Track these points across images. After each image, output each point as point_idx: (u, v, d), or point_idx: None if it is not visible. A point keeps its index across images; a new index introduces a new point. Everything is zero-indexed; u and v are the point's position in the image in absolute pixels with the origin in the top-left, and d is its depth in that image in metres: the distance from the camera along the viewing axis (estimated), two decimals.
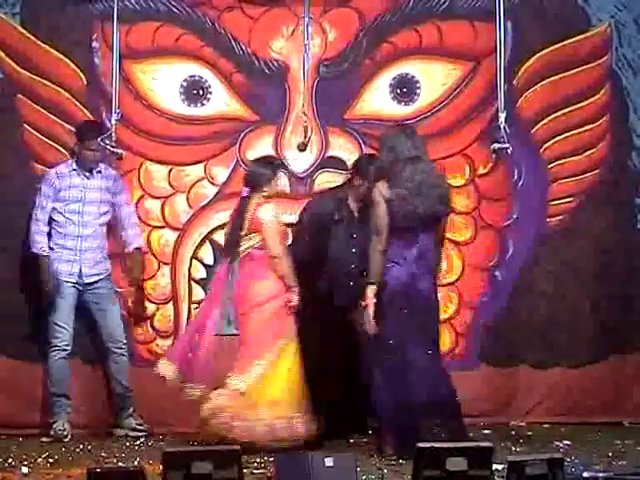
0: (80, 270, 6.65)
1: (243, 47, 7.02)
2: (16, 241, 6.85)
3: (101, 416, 6.79)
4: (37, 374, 6.75)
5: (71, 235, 6.67)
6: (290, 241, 6.60)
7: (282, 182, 6.76)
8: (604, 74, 7.17)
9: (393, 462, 5.70)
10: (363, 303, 5.92)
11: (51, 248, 6.67)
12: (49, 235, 6.67)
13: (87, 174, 6.70)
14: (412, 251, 5.91)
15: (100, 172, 6.74)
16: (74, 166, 6.71)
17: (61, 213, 6.66)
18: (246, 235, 6.31)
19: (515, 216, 7.16)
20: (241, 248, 6.32)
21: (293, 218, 6.77)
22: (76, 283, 6.63)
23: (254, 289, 6.27)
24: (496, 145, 7.00)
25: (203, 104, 7.04)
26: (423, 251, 5.93)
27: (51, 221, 6.68)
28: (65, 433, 6.51)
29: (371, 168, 6.26)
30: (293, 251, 6.44)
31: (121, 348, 6.71)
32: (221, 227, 6.87)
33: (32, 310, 6.80)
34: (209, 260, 6.98)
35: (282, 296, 6.26)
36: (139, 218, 6.92)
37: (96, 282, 6.69)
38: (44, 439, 6.51)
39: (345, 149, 7.05)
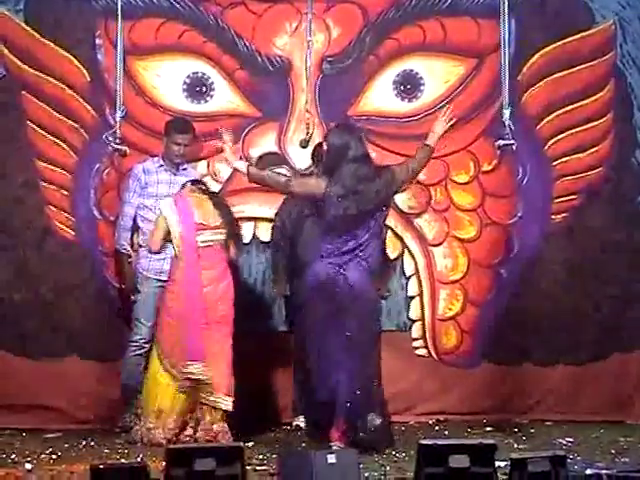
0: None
1: (246, 43, 7.04)
2: (18, 239, 6.90)
3: (106, 413, 6.81)
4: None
5: None
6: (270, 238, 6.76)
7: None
8: (608, 71, 7.17)
9: (396, 459, 5.72)
10: None
11: (140, 245, 6.71)
12: (138, 232, 6.71)
13: (174, 170, 6.74)
14: (347, 244, 5.89)
15: (185, 169, 6.78)
16: (160, 162, 6.76)
17: (151, 209, 6.66)
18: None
19: (520, 213, 7.17)
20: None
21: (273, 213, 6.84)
22: (165, 281, 6.54)
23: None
24: (501, 142, 6.94)
25: (206, 101, 7.06)
26: (360, 243, 5.90)
27: (137, 218, 6.71)
28: (132, 425, 6.48)
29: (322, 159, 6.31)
30: (272, 249, 6.65)
31: None
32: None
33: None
34: None
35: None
36: None
37: None
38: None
39: None
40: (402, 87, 7.12)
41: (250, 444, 6.07)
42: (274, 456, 5.49)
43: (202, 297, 6.22)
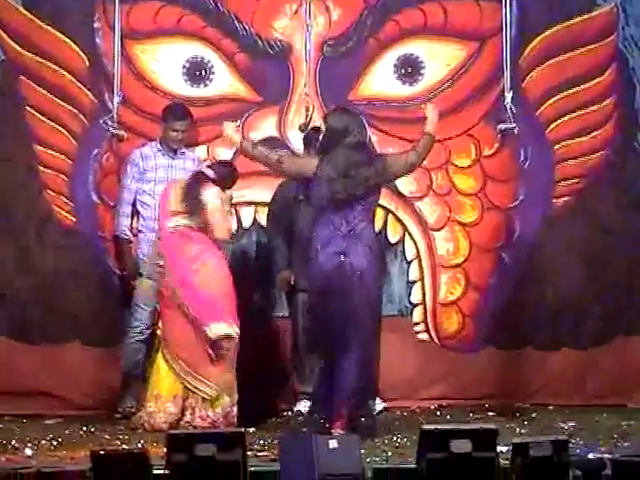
0: None
1: (246, 27, 7.01)
2: (18, 224, 6.89)
3: (107, 399, 6.82)
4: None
5: None
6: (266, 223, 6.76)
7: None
8: (610, 54, 7.14)
9: (397, 445, 5.72)
10: None
11: (139, 230, 6.71)
12: (137, 217, 6.70)
13: (171, 154, 6.73)
14: (341, 228, 5.85)
15: (183, 153, 6.76)
16: (158, 147, 6.74)
17: (150, 195, 6.65)
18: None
19: (521, 197, 7.16)
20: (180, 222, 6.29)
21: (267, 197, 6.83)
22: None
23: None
24: (502, 125, 7.01)
25: (206, 85, 7.03)
26: (352, 228, 5.86)
27: (137, 203, 6.70)
28: (133, 410, 6.51)
29: (316, 143, 6.28)
30: (270, 236, 6.67)
31: None
32: None
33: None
34: None
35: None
36: None
37: None
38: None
39: None
40: (403, 70, 7.09)
41: (251, 430, 6.06)
42: (275, 442, 5.48)
43: (190, 279, 6.19)
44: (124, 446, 5.79)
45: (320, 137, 6.13)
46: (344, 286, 5.82)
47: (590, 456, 5.10)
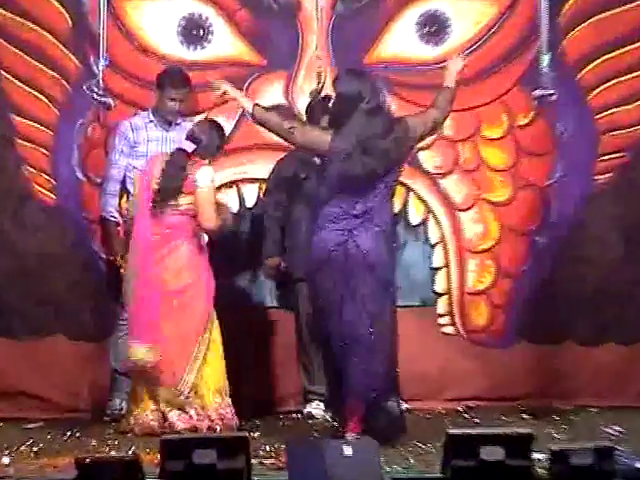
0: None
1: None
2: None
3: (95, 400, 6.84)
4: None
5: None
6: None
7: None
8: None
9: (421, 451, 5.71)
10: None
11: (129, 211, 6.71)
12: (126, 196, 6.70)
13: (166, 126, 6.72)
14: (355, 207, 5.84)
15: (179, 124, 6.73)
16: (151, 117, 6.73)
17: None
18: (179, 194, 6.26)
19: (559, 174, 7.16)
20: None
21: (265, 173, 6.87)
22: None
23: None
24: (538, 92, 7.01)
25: (204, 46, 7.02)
26: (369, 207, 5.85)
27: (126, 181, 6.69)
28: (123, 412, 6.54)
29: (324, 114, 6.31)
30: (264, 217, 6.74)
31: None
32: (225, 186, 6.91)
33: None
34: None
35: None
36: None
37: None
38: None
39: None
40: (426, 29, 7.08)
41: (256, 434, 6.08)
42: (283, 448, 5.49)
43: (160, 268, 6.22)
44: (113, 452, 5.81)
45: (329, 106, 6.13)
46: (347, 266, 5.81)
47: (638, 465, 5.09)
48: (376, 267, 5.86)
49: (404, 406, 6.35)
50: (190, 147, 6.29)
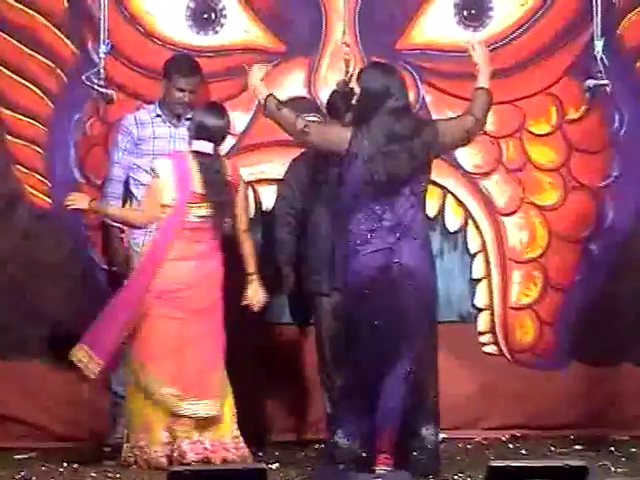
0: None
1: None
2: None
3: (93, 427, 6.86)
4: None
5: None
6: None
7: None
8: None
9: None
10: None
11: None
12: (129, 199, 6.73)
13: (174, 122, 6.74)
14: (383, 216, 5.82)
15: (189, 119, 6.72)
16: (158, 111, 6.77)
17: (145, 171, 6.66)
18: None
19: (615, 173, 7.18)
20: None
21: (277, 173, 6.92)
22: None
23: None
24: (591, 82, 7.01)
25: (216, 31, 7.05)
26: (400, 216, 5.83)
27: (129, 182, 6.72)
28: (125, 442, 6.52)
29: (346, 110, 6.34)
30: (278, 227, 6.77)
31: None
32: None
33: None
34: None
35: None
36: None
37: None
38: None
39: None
40: (465, 12, 7.09)
41: (274, 466, 6.07)
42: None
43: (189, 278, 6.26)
44: None
45: (352, 102, 6.12)
46: (391, 289, 5.81)
47: None
48: (422, 286, 5.85)
49: (441, 436, 6.33)
50: (208, 147, 6.29)
